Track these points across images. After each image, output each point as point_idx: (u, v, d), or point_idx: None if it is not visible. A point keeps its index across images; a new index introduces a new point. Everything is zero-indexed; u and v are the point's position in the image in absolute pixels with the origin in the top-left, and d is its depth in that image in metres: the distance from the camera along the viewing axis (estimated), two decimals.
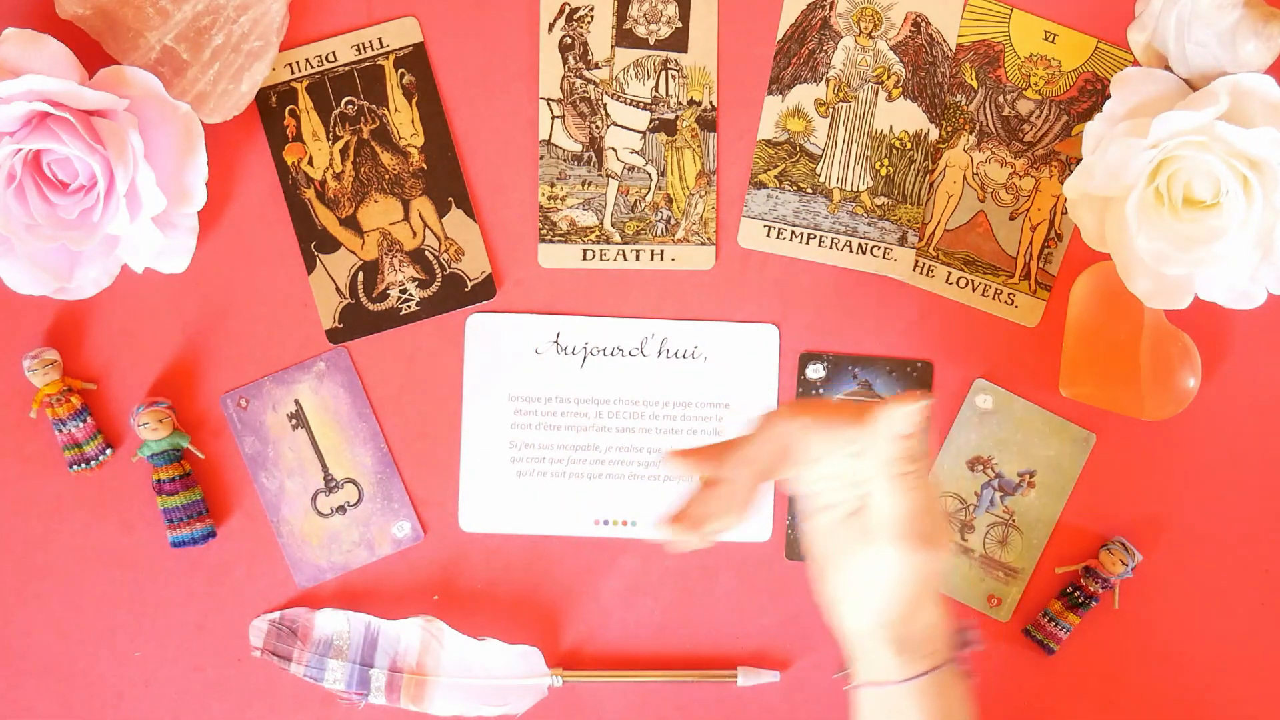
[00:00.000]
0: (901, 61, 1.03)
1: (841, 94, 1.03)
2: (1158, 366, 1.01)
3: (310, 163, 1.02)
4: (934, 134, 1.03)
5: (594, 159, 1.03)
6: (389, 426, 1.03)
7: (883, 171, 1.03)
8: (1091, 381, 1.01)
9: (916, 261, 1.03)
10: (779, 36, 1.03)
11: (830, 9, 1.02)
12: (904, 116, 1.03)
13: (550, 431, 1.03)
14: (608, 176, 1.03)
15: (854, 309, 1.03)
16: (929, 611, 0.86)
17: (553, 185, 1.03)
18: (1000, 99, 1.03)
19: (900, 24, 1.03)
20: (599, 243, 1.03)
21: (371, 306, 1.03)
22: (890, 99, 1.03)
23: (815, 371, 1.03)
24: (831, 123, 1.03)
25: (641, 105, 1.03)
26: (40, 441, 1.02)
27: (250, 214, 1.03)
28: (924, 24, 1.03)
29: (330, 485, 1.03)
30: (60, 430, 1.01)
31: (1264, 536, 1.04)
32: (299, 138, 1.02)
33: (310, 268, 1.03)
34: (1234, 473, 1.03)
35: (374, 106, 1.03)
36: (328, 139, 1.03)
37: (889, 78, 1.03)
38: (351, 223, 1.03)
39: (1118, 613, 1.03)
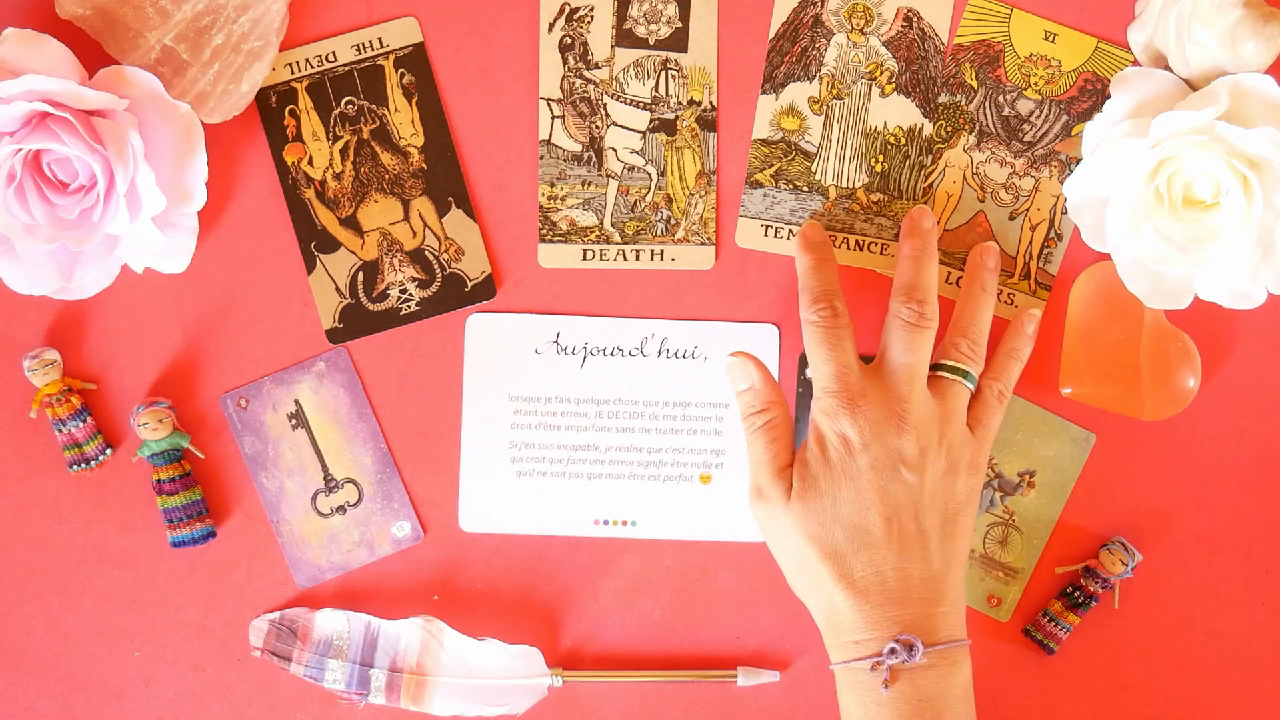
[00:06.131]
0: (894, 57, 1.03)
1: (835, 91, 1.03)
2: (1158, 366, 1.01)
3: (310, 163, 1.03)
4: (928, 129, 1.03)
5: (594, 159, 1.03)
6: (389, 426, 1.03)
7: (878, 168, 1.03)
8: (1091, 381, 1.01)
9: None
10: (771, 35, 1.03)
11: (821, 6, 1.02)
12: (898, 112, 1.03)
13: (550, 431, 1.03)
14: (608, 176, 1.03)
15: (854, 309, 1.03)
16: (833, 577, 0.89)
17: (553, 185, 1.03)
18: (1000, 99, 1.03)
19: (892, 19, 1.03)
20: (599, 243, 1.03)
21: (371, 306, 1.03)
22: (884, 95, 1.03)
23: None
24: (826, 120, 1.03)
25: (641, 105, 1.03)
26: (40, 441, 1.02)
27: (250, 214, 1.03)
28: (915, 19, 1.03)
29: (330, 485, 1.03)
30: (60, 430, 1.01)
31: (1264, 536, 1.03)
32: (299, 138, 1.03)
33: (310, 268, 1.03)
34: (1234, 473, 1.03)
35: (374, 106, 1.03)
36: (328, 139, 1.03)
37: (882, 74, 1.03)
38: (351, 223, 1.03)
39: (1118, 613, 1.03)
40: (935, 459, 0.91)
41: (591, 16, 1.03)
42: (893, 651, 0.86)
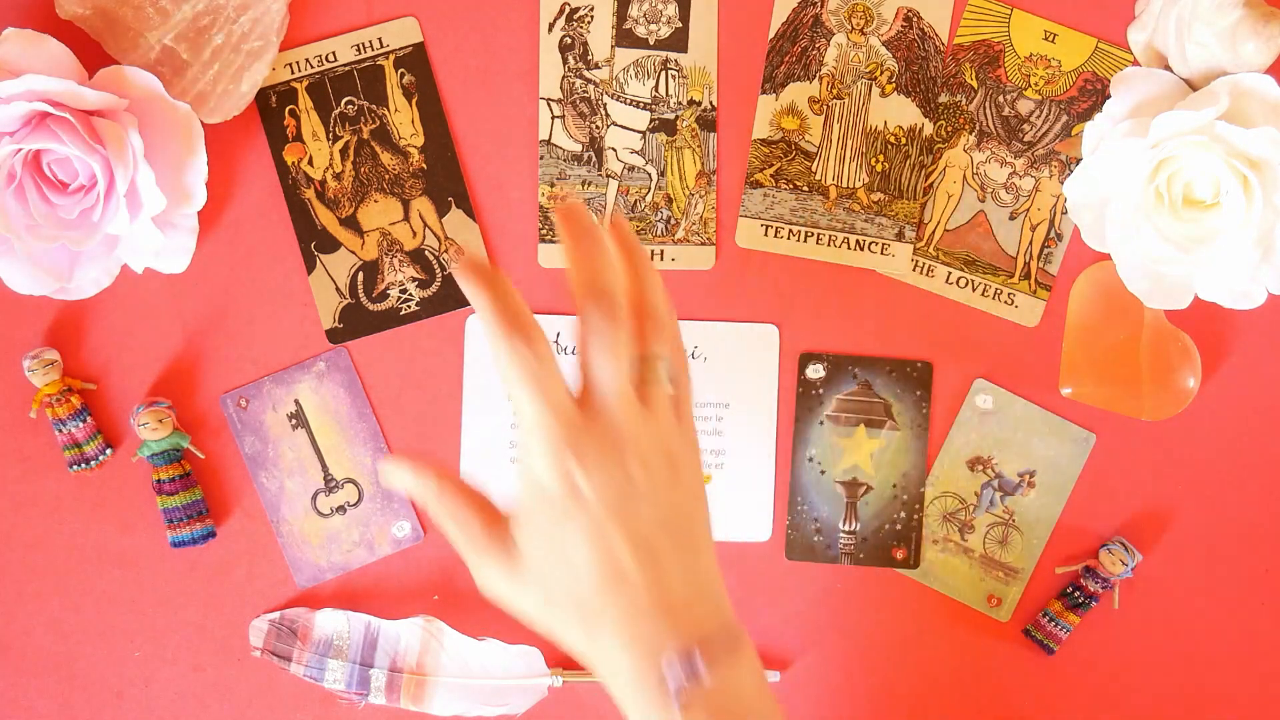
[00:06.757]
0: (894, 57, 1.03)
1: (835, 91, 1.03)
2: (1158, 366, 1.01)
3: (310, 163, 1.03)
4: (928, 129, 1.03)
5: (594, 159, 1.03)
6: (389, 426, 1.03)
7: (878, 167, 1.03)
8: (1091, 381, 1.01)
9: (916, 261, 1.03)
10: (771, 35, 1.03)
11: (821, 6, 1.02)
12: (898, 112, 1.03)
13: None
14: (608, 176, 1.03)
15: (854, 309, 1.03)
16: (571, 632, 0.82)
17: (553, 185, 1.03)
18: (1000, 99, 1.03)
19: (892, 20, 1.03)
20: None
21: (371, 306, 1.03)
22: (884, 95, 1.03)
23: (815, 371, 1.03)
24: (826, 120, 1.03)
25: (641, 105, 1.03)
26: (40, 441, 1.02)
27: (250, 214, 1.03)
28: (915, 19, 1.03)
29: (330, 485, 1.03)
30: (60, 430, 1.01)
31: (1264, 536, 1.03)
32: (299, 138, 1.03)
33: (310, 268, 1.03)
34: (1234, 473, 1.03)
35: (374, 106, 1.03)
36: (328, 139, 1.03)
37: (882, 73, 1.03)
38: (351, 223, 1.03)
39: (1118, 613, 1.03)
40: (659, 469, 0.82)
41: (591, 16, 1.03)
42: (671, 665, 0.79)
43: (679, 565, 0.81)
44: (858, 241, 1.03)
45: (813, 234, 1.03)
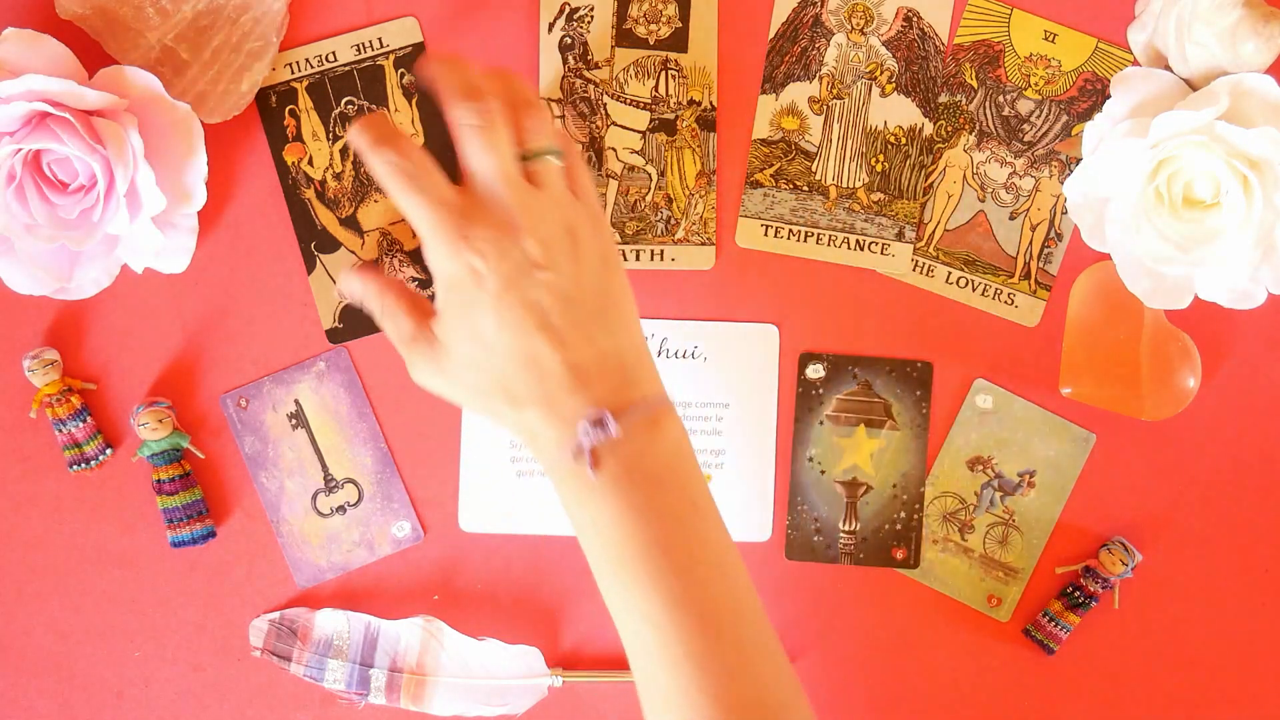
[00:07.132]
0: (894, 57, 1.03)
1: (835, 91, 1.03)
2: (1158, 366, 1.01)
3: (310, 163, 1.03)
4: (929, 129, 1.03)
5: (594, 159, 1.03)
6: (389, 426, 1.03)
7: (878, 167, 1.03)
8: (1091, 381, 1.01)
9: (916, 261, 1.03)
10: (771, 35, 1.03)
11: (821, 6, 1.02)
12: (898, 112, 1.03)
13: None
14: (608, 176, 1.03)
15: (854, 309, 1.03)
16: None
17: None
18: (1000, 99, 1.03)
19: (892, 20, 1.03)
20: None
21: None
22: (884, 95, 1.03)
23: (815, 371, 1.03)
24: (826, 120, 1.03)
25: (641, 105, 1.03)
26: (40, 441, 1.02)
27: (250, 214, 1.03)
28: (915, 19, 1.03)
29: (330, 485, 1.03)
30: (60, 430, 1.01)
31: (1264, 536, 1.03)
32: (299, 138, 1.03)
33: (310, 268, 1.03)
34: (1234, 473, 1.03)
35: (374, 106, 1.03)
36: (328, 139, 1.03)
37: (882, 73, 1.03)
38: (351, 223, 1.03)
39: (1118, 613, 1.03)
40: (561, 245, 0.86)
41: (591, 16, 1.03)
42: (586, 432, 0.83)
43: (586, 336, 0.86)
44: (858, 241, 1.03)
45: (813, 234, 1.03)
